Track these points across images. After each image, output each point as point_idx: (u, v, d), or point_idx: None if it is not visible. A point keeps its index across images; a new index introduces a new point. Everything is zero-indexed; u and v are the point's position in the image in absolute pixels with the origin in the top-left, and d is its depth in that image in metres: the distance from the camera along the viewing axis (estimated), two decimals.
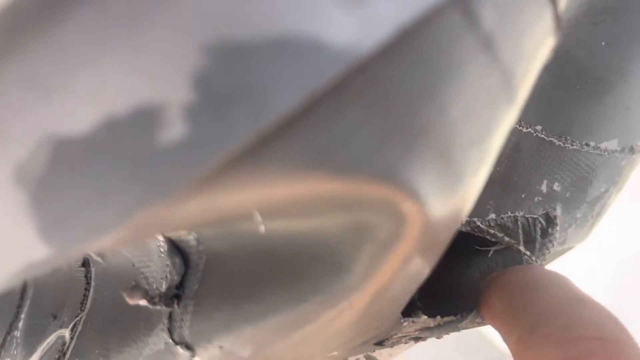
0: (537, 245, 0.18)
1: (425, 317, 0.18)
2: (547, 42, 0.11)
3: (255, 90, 0.08)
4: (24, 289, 0.22)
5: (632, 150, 0.19)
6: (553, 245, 0.19)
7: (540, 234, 0.18)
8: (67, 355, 0.18)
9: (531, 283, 0.15)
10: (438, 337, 0.20)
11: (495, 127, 0.11)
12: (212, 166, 0.08)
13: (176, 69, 0.07)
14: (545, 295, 0.15)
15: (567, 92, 0.18)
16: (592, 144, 0.18)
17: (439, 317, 0.18)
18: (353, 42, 0.08)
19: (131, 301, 0.13)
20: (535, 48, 0.11)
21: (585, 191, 0.19)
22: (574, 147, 0.18)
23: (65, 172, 0.08)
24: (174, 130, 0.08)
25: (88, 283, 0.17)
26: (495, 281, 0.16)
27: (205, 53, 0.07)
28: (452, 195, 0.10)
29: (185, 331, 0.13)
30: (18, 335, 0.21)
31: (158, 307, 0.14)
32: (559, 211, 0.19)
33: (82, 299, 0.18)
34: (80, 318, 0.17)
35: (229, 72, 0.08)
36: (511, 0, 0.09)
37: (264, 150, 0.08)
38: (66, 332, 0.18)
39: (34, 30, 0.07)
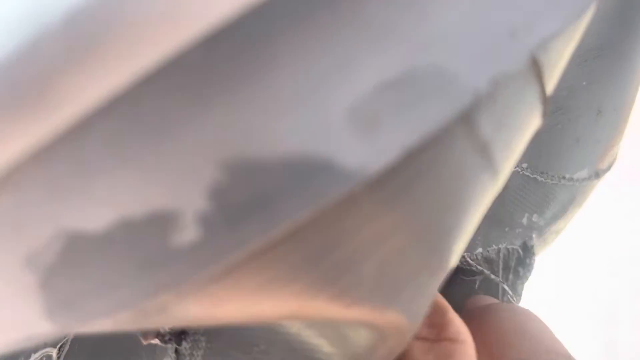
0: (512, 275, 0.20)
1: None
2: (534, 126, 0.12)
3: (266, 203, 0.08)
4: None
5: (597, 175, 0.21)
6: (530, 273, 0.20)
7: (516, 263, 0.20)
8: None
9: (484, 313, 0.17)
10: None
11: (481, 209, 0.11)
12: (220, 268, 0.08)
13: (194, 180, 0.08)
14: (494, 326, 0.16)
15: (549, 131, 0.19)
16: (568, 176, 0.19)
17: None
18: (362, 164, 0.08)
19: (145, 341, 0.14)
20: (524, 138, 0.12)
21: (559, 218, 0.20)
22: (554, 181, 0.19)
23: (76, 264, 0.08)
24: (187, 234, 0.08)
25: None
26: (467, 306, 0.17)
27: (222, 168, 0.08)
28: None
29: None
30: None
31: (169, 345, 0.14)
32: (534, 240, 0.20)
33: None
34: (67, 339, 0.18)
35: (244, 186, 0.08)
36: (507, 109, 0.10)
37: (268, 256, 0.09)
38: (53, 352, 0.18)
39: (59, 136, 0.08)
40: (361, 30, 0.08)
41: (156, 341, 0.14)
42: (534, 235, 0.20)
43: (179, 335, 0.14)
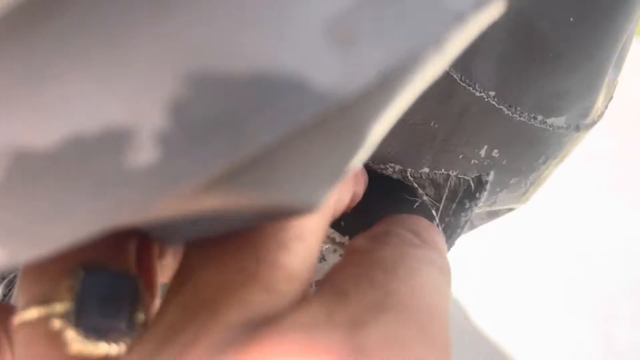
0: (456, 205, 0.19)
1: (338, 233, 0.18)
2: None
3: (233, 122, 0.07)
4: None
5: (577, 128, 0.20)
6: (474, 208, 0.19)
7: (463, 194, 0.19)
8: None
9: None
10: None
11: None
12: (177, 194, 0.08)
13: (153, 93, 0.07)
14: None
15: (526, 62, 0.17)
16: (540, 117, 0.18)
17: (347, 237, 0.19)
18: (336, 85, 0.08)
19: None
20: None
21: (522, 161, 0.20)
22: (522, 118, 0.18)
23: (25, 184, 0.08)
24: (144, 154, 0.07)
25: None
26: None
27: (185, 81, 0.07)
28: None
29: None
30: None
31: None
32: (491, 177, 0.19)
33: None
34: (14, 276, 0.17)
35: (208, 103, 0.07)
36: None
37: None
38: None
39: (7, 34, 0.07)
40: None
41: None
42: (492, 172, 0.19)
43: None
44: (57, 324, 0.11)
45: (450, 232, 0.19)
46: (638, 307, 0.81)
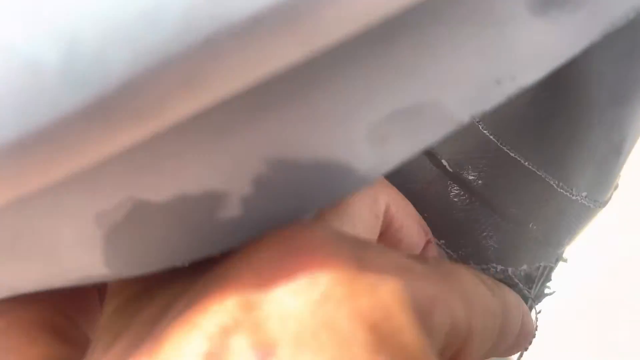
0: (539, 289, 0.20)
1: None
2: None
3: (297, 195, 0.10)
4: None
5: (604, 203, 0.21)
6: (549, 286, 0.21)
7: (544, 279, 0.21)
8: None
9: None
10: None
11: None
12: (251, 236, 0.11)
13: (244, 170, 0.10)
14: None
15: (606, 162, 0.19)
16: (601, 200, 0.20)
17: None
18: (372, 170, 0.11)
19: None
20: None
21: None
22: (595, 207, 0.19)
23: (137, 223, 0.10)
24: (229, 211, 0.10)
25: None
26: None
27: (267, 163, 0.10)
28: None
29: None
30: None
31: None
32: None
33: None
34: None
35: (282, 179, 0.10)
36: None
37: None
38: None
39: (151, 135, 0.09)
40: (389, 69, 0.10)
41: None
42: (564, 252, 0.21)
43: None
44: None
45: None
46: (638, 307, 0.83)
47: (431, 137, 0.11)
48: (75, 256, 0.11)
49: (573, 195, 0.19)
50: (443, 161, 0.19)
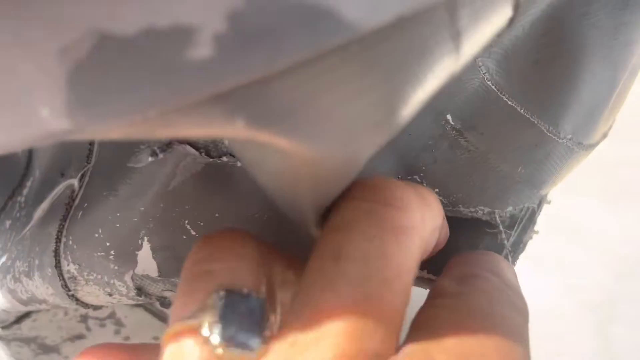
0: (521, 231, 0.21)
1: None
2: (505, 19, 0.13)
3: (276, 34, 0.09)
4: (29, 159, 0.23)
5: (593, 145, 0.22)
6: (532, 229, 0.21)
7: (527, 220, 0.21)
8: (77, 201, 0.19)
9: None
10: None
11: (435, 87, 0.13)
12: (221, 88, 0.10)
13: (218, 3, 0.09)
14: None
15: (593, 103, 0.19)
16: (585, 142, 0.20)
17: (425, 271, 0.20)
18: (360, 18, 0.10)
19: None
20: (491, 32, 0.13)
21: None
22: (579, 150, 0.20)
23: (102, 62, 0.10)
24: (202, 50, 0.09)
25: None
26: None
27: None
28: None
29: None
30: (22, 200, 0.22)
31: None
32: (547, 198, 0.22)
33: (87, 153, 0.19)
34: (87, 169, 0.19)
35: (259, 16, 0.09)
36: (485, 3, 0.12)
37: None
38: (75, 181, 0.19)
39: None
40: None
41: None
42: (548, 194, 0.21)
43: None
44: (204, 333, 0.13)
45: (515, 255, 0.21)
46: (638, 309, 0.83)
47: None
48: (36, 104, 0.10)
49: (560, 139, 0.19)
50: (448, 116, 0.19)
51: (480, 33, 0.12)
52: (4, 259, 0.22)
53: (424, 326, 0.14)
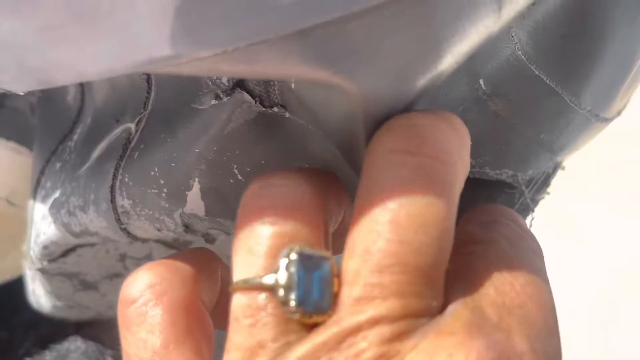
0: (534, 193, 0.23)
1: None
2: None
3: None
4: (81, 108, 0.25)
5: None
6: (545, 192, 0.23)
7: (542, 184, 0.23)
8: (133, 143, 0.21)
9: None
10: None
11: (473, 46, 0.15)
12: (306, 24, 0.11)
13: None
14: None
15: (617, 76, 0.21)
16: (602, 116, 0.22)
17: None
18: None
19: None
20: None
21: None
22: (596, 121, 0.21)
23: None
24: None
25: (149, 88, 0.20)
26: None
27: None
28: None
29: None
30: (72, 145, 0.24)
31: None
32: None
33: (144, 100, 0.20)
34: (144, 116, 0.20)
35: None
36: None
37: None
38: (132, 125, 0.21)
39: None
40: None
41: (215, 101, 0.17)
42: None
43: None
44: (282, 295, 0.14)
45: (527, 212, 0.23)
46: (638, 310, 0.83)
47: None
48: (144, 32, 0.12)
49: (580, 109, 0.21)
50: (480, 80, 0.20)
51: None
52: (57, 194, 0.24)
53: (460, 275, 0.15)
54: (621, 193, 1.06)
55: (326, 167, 0.19)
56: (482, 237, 0.17)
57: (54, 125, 0.27)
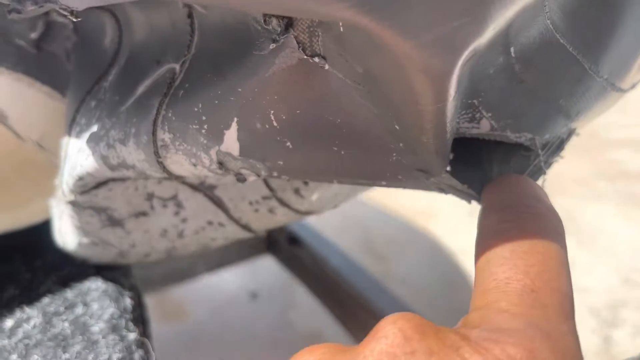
0: (548, 156, 0.24)
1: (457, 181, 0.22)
2: None
3: None
4: (117, 49, 0.26)
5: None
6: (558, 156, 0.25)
7: (556, 147, 0.24)
8: (177, 82, 0.22)
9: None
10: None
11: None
12: None
13: None
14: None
15: (634, 48, 0.22)
16: (618, 85, 0.23)
17: (465, 186, 0.23)
18: None
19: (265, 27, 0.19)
20: None
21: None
22: (613, 91, 0.23)
23: None
24: None
25: (192, 32, 0.21)
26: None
27: None
28: None
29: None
30: (106, 85, 0.25)
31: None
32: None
33: (187, 43, 0.21)
34: (187, 58, 0.22)
35: None
36: None
37: None
38: (176, 66, 0.22)
39: None
40: None
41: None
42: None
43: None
44: None
45: (540, 173, 0.24)
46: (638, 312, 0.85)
47: None
48: None
49: (598, 77, 0.22)
50: (512, 48, 0.21)
51: None
52: (94, 129, 0.26)
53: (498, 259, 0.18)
54: (627, 196, 1.08)
55: (359, 123, 0.20)
56: (509, 220, 0.19)
57: (90, 67, 0.28)
